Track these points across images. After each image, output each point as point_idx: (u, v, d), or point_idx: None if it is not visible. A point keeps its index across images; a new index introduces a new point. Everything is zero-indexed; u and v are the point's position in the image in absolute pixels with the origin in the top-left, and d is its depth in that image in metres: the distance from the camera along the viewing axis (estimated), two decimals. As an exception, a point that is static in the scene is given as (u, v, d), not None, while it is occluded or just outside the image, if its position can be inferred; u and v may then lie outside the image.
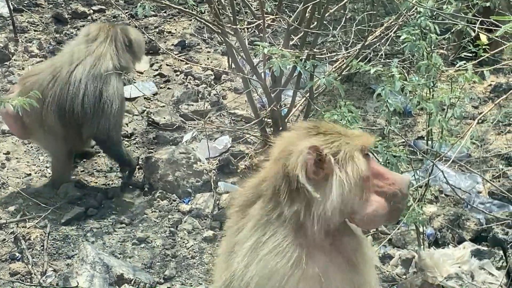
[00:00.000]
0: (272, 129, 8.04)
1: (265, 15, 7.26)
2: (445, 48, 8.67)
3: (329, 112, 6.11)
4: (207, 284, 6.27)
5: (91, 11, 10.92)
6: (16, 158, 7.93)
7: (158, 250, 6.69)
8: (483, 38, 6.25)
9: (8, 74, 9.20)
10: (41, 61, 9.35)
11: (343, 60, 7.68)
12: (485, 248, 6.68)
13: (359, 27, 8.01)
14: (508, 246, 6.57)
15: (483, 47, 6.16)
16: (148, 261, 6.57)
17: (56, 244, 6.72)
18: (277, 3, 8.37)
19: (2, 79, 9.13)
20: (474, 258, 6.50)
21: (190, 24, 10.68)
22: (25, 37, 10.09)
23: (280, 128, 7.90)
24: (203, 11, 9.62)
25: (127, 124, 8.55)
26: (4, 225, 6.89)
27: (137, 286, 6.17)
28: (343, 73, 7.42)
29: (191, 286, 6.14)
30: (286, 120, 7.89)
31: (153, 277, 6.35)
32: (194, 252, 6.67)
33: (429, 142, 6.60)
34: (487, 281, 6.35)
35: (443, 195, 7.52)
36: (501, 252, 6.62)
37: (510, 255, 6.54)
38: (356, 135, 3.41)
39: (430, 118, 6.14)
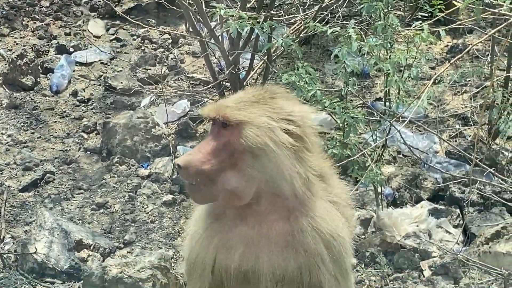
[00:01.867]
0: (230, 92, 8.01)
1: (221, -23, 7.20)
2: (401, 9, 8.67)
3: (287, 74, 6.10)
4: (167, 248, 6.27)
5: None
6: (-29, 125, 7.83)
7: (118, 215, 6.66)
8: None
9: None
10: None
11: (300, 22, 7.67)
12: (442, 207, 6.76)
13: (316, -12, 7.99)
14: (465, 204, 6.65)
15: (439, 7, 6.18)
16: (107, 226, 6.54)
17: (14, 211, 6.66)
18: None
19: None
20: (431, 217, 6.59)
21: (146, -12, 10.57)
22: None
23: (238, 91, 7.87)
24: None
25: (83, 90, 8.45)
26: (-41, 193, 6.82)
27: (96, 251, 6.15)
28: (301, 35, 7.41)
29: (151, 250, 6.13)
30: (244, 83, 7.86)
31: (112, 242, 6.33)
32: (154, 216, 6.66)
33: (387, 103, 6.64)
34: (444, 239, 6.44)
35: (401, 156, 7.58)
36: (457, 210, 6.72)
37: (466, 213, 6.62)
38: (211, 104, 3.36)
39: (387, 79, 6.16)
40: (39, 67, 8.56)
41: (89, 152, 7.53)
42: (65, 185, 7.04)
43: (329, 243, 3.22)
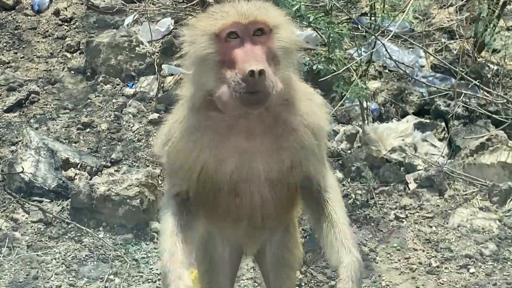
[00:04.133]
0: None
1: None
2: None
3: (271, -12, 6.00)
4: (154, 166, 6.29)
5: None
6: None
7: (104, 134, 6.65)
8: None
9: None
10: None
11: None
12: (428, 121, 6.78)
13: None
14: (450, 117, 6.67)
15: None
16: (94, 145, 6.54)
17: (-1, 131, 6.65)
18: None
19: None
20: (417, 130, 6.61)
21: None
22: None
23: (223, 7, 7.77)
24: None
25: (66, 9, 8.33)
26: None
27: (83, 169, 6.15)
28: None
29: (139, 168, 6.15)
30: (228, -1, 7.76)
31: (99, 160, 6.33)
32: (140, 135, 6.65)
33: (372, 18, 6.57)
34: (430, 152, 6.48)
35: (386, 71, 7.55)
36: (443, 123, 6.74)
37: (451, 126, 6.65)
38: (219, 17, 3.26)
39: (372, -8, 6.09)
40: (20, -14, 8.42)
41: (73, 72, 7.47)
42: (50, 105, 7.00)
43: (317, 136, 3.39)
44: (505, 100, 6.66)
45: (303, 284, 5.14)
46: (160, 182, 6.02)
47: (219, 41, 3.12)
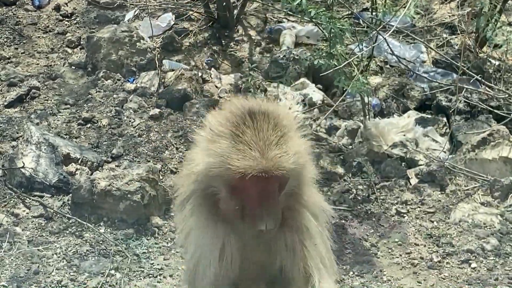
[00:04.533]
0: (216, 4, 7.91)
1: None
2: None
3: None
4: (155, 162, 6.29)
5: None
6: (-47, 42, 7.73)
7: (105, 130, 6.64)
8: None
9: None
10: None
11: None
12: (429, 116, 6.78)
13: None
14: (451, 112, 6.66)
15: None
16: (94, 140, 6.53)
17: (0, 126, 6.62)
18: None
19: None
20: (418, 126, 6.61)
21: None
22: None
23: (224, 3, 7.77)
24: None
25: (66, 4, 8.32)
26: None
27: (84, 165, 6.15)
28: None
29: (139, 163, 6.14)
30: (229, -6, 7.79)
31: (100, 156, 6.33)
32: (141, 130, 6.65)
33: (373, 13, 6.57)
34: (431, 147, 6.48)
35: (387, 66, 7.55)
36: (444, 119, 6.73)
37: (453, 121, 6.64)
38: (240, 162, 3.32)
39: (374, -13, 6.09)
40: (21, -18, 8.41)
41: (74, 67, 7.47)
42: (51, 100, 6.99)
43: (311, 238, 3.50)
44: (506, 95, 6.65)
45: None
46: (161, 177, 6.02)
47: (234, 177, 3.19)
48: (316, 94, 7.03)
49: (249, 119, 3.21)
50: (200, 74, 7.22)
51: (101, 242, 5.49)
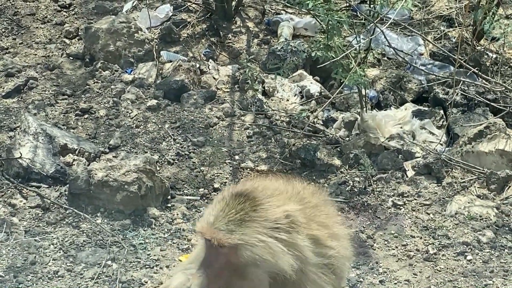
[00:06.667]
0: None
1: None
2: None
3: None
4: (152, 152, 6.28)
5: None
6: (-49, 32, 7.70)
7: (102, 121, 6.63)
8: None
9: None
10: None
11: None
12: (426, 108, 6.78)
13: None
14: (448, 105, 6.67)
15: None
16: (92, 131, 6.52)
17: (-2, 117, 6.64)
18: None
19: None
20: (415, 118, 6.61)
21: None
22: None
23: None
24: None
25: (65, -6, 8.31)
26: None
27: (81, 155, 6.14)
28: None
29: (137, 154, 6.13)
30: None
31: (97, 146, 6.32)
32: (139, 121, 6.64)
33: (371, 5, 6.55)
34: (428, 139, 6.48)
35: (385, 58, 7.54)
36: (441, 111, 6.73)
37: (450, 114, 6.65)
38: (201, 220, 3.50)
39: (372, -21, 6.07)
40: (19, -28, 8.38)
41: (71, 58, 7.45)
42: (49, 91, 6.98)
43: None
44: (503, 88, 6.65)
45: None
46: (158, 168, 6.01)
47: None
48: (313, 86, 7.02)
49: (231, 195, 3.40)
50: (197, 66, 7.21)
51: (98, 232, 5.48)
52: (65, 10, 8.10)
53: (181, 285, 3.51)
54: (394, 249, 5.48)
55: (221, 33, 7.79)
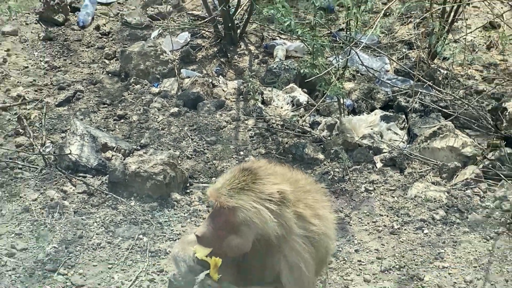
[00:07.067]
0: (223, 25, 7.88)
1: None
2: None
3: (268, 8, 5.99)
4: (175, 149, 6.27)
5: None
6: (15, 54, 7.67)
7: (135, 124, 6.63)
8: None
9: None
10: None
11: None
12: (391, 114, 6.77)
13: None
14: (409, 111, 6.66)
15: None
16: (127, 132, 6.52)
17: (52, 121, 6.61)
18: None
19: None
20: (382, 121, 6.61)
21: None
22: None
23: (229, 24, 7.76)
24: None
25: (104, 25, 8.29)
26: (8, 108, 6.73)
27: (118, 152, 6.14)
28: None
29: (162, 150, 6.13)
30: (233, 17, 7.74)
31: (131, 145, 6.32)
32: (163, 125, 6.63)
33: (347, 32, 6.55)
34: (393, 138, 6.48)
35: (359, 74, 7.53)
36: (403, 116, 6.73)
37: (410, 118, 6.64)
38: (212, 185, 3.60)
39: (348, 12, 6.06)
40: (68, 7, 8.36)
41: (110, 75, 7.45)
42: (92, 101, 6.98)
43: (292, 270, 3.55)
44: (452, 98, 6.66)
45: None
46: (179, 162, 6.01)
47: None
48: (302, 96, 7.02)
49: (239, 169, 3.48)
50: (210, 81, 7.21)
51: (131, 213, 5.49)
52: (105, 37, 8.09)
53: (192, 236, 3.59)
54: (366, 225, 5.48)
55: (228, 54, 7.79)
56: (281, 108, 6.94)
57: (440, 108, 6.66)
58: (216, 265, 3.47)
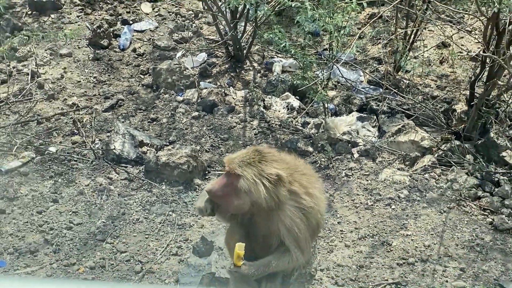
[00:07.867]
0: (232, 47, 7.87)
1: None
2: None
3: (267, 33, 5.98)
4: (196, 145, 6.28)
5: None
6: (70, 71, 7.68)
7: (164, 125, 6.64)
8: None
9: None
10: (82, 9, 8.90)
11: (276, 0, 7.45)
12: (365, 115, 6.76)
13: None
14: (379, 113, 6.65)
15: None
16: (158, 132, 6.54)
17: (100, 124, 6.63)
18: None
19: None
20: (358, 121, 6.60)
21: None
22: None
23: (237, 46, 7.75)
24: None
25: (140, 48, 8.27)
26: (66, 113, 6.75)
27: (152, 147, 6.16)
28: (275, 9, 7.22)
29: (186, 146, 6.15)
30: (241, 40, 7.73)
31: (162, 141, 6.33)
32: (187, 125, 6.64)
33: (330, 51, 6.54)
34: (367, 134, 6.47)
35: (339, 84, 7.51)
36: (375, 117, 6.72)
37: (380, 118, 6.63)
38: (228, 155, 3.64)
39: (331, 35, 6.05)
40: (111, 34, 8.36)
41: (145, 87, 7.45)
42: (131, 107, 6.99)
43: (289, 231, 3.59)
44: (413, 102, 6.64)
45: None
46: (200, 154, 6.02)
47: None
48: (295, 102, 7.02)
49: (253, 149, 3.52)
50: (223, 91, 7.21)
51: (163, 194, 5.51)
52: (140, 57, 8.09)
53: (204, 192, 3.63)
54: (346, 203, 5.49)
55: (237, 70, 7.79)
56: (279, 111, 6.95)
57: (404, 110, 6.65)
58: (240, 256, 3.47)
